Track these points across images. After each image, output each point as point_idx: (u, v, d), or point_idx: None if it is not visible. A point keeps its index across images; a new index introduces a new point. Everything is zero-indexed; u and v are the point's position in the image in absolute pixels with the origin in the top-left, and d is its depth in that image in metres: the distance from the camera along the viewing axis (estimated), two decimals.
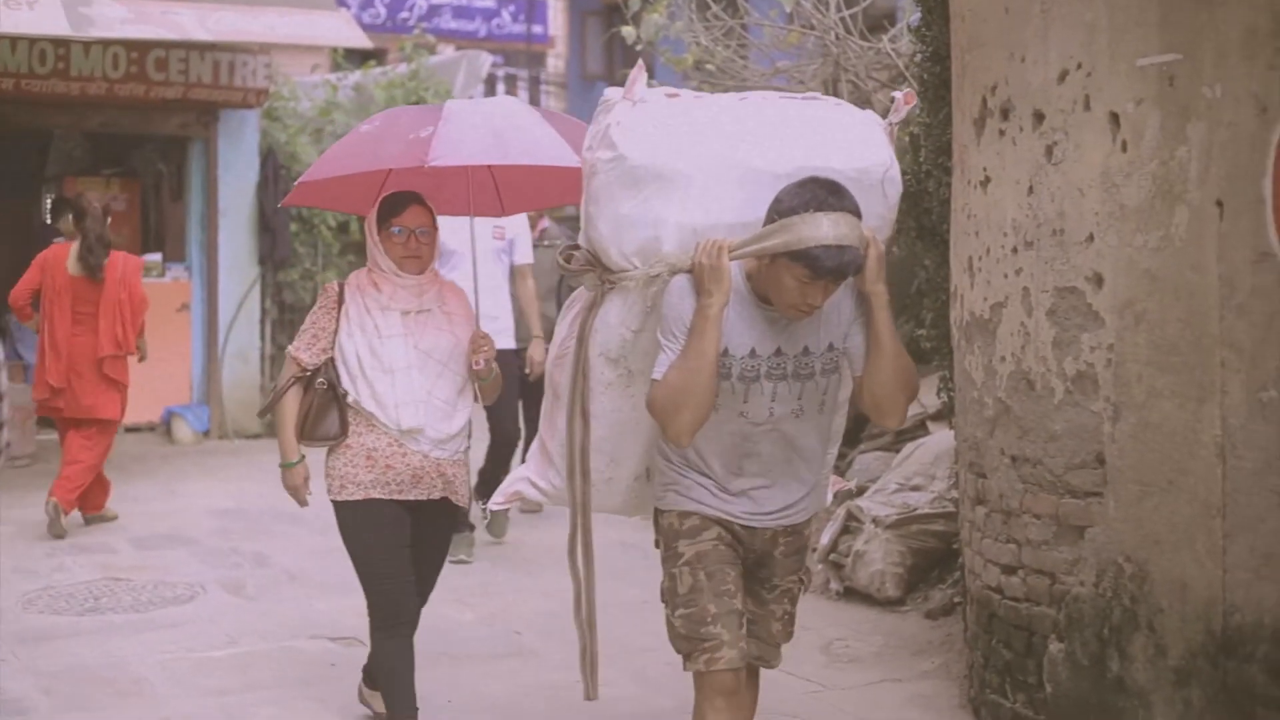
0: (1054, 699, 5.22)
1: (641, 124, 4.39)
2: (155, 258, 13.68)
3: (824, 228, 4.08)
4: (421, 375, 5.42)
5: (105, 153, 15.82)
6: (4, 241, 15.64)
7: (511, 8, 26.74)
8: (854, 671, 6.63)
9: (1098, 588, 5.03)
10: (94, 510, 9.84)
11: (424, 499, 5.46)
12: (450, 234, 5.65)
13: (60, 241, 10.20)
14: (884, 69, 10.15)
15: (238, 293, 13.97)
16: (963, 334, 5.80)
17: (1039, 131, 5.18)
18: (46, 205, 15.63)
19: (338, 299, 5.48)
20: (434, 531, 5.64)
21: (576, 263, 4.56)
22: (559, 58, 28.02)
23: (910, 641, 7.01)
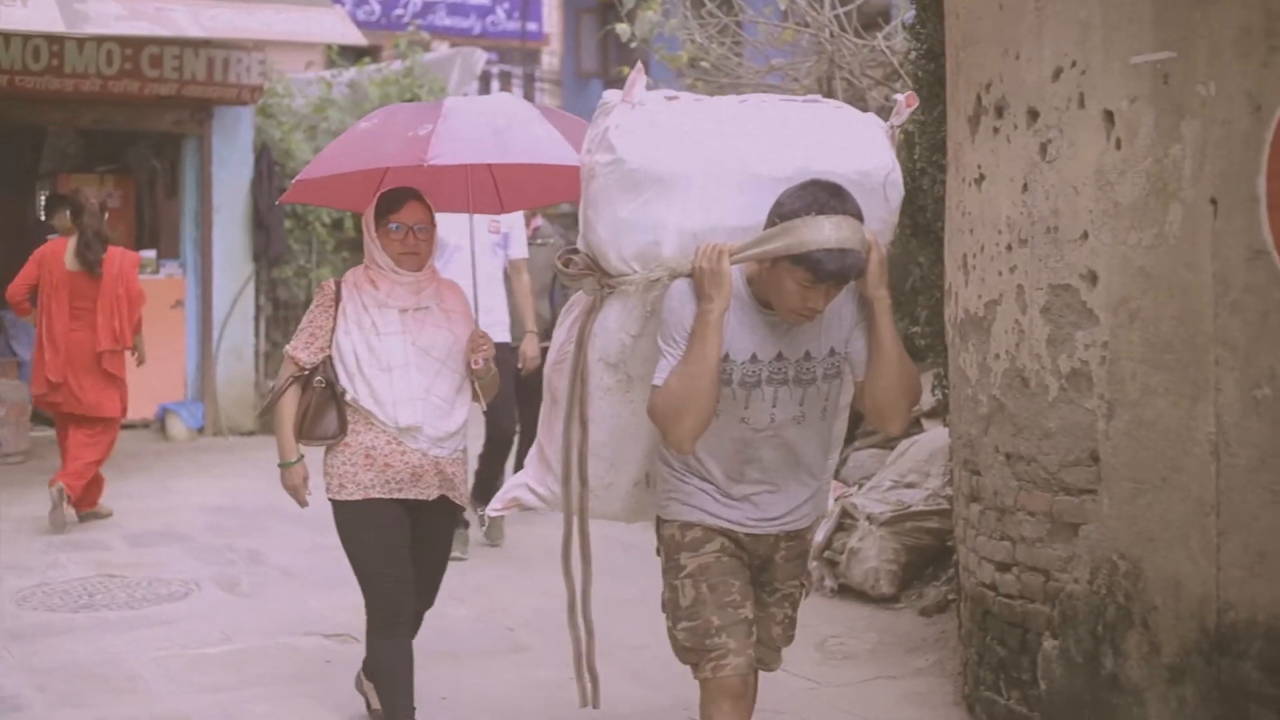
0: (1048, 696, 5.22)
1: (640, 127, 4.35)
2: (149, 254, 13.67)
3: (826, 231, 4.03)
4: (420, 373, 5.37)
5: (99, 149, 15.81)
6: None
7: (506, 5, 26.70)
8: (849, 668, 6.63)
9: (1092, 585, 5.03)
10: (88, 507, 9.84)
11: (423, 498, 5.42)
12: (447, 228, 5.63)
13: (55, 238, 10.20)
14: (878, 66, 10.16)
15: (232, 289, 13.97)
16: (957, 331, 5.80)
17: (1033, 129, 5.18)
18: (40, 202, 15.64)
19: (335, 297, 5.43)
20: (434, 532, 5.60)
21: (575, 267, 4.52)
22: (554, 55, 27.98)
23: (905, 638, 7.02)
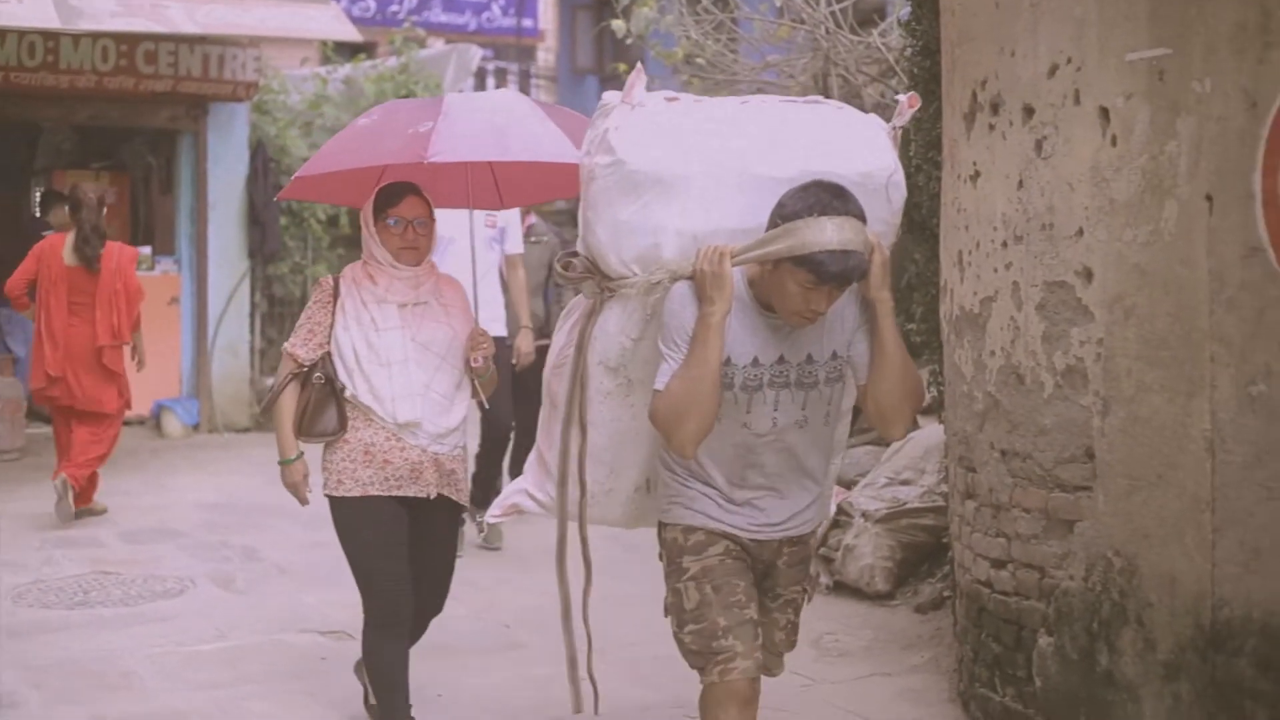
0: (1043, 693, 5.23)
1: (640, 128, 4.31)
2: (145, 251, 13.64)
3: (828, 232, 3.99)
4: (419, 368, 5.33)
5: (94, 146, 15.80)
6: None
7: (501, 1, 26.69)
8: (844, 666, 6.63)
9: (1087, 582, 5.03)
10: (83, 504, 9.83)
11: (422, 496, 5.36)
12: (442, 221, 5.61)
13: (51, 234, 10.20)
14: (874, 63, 10.16)
15: (227, 286, 13.97)
16: (952, 328, 5.80)
17: (1029, 126, 5.18)
18: (36, 198, 15.64)
19: (333, 293, 5.39)
20: (436, 530, 5.53)
21: (575, 270, 4.49)
22: (549, 51, 27.97)
23: (900, 636, 7.02)
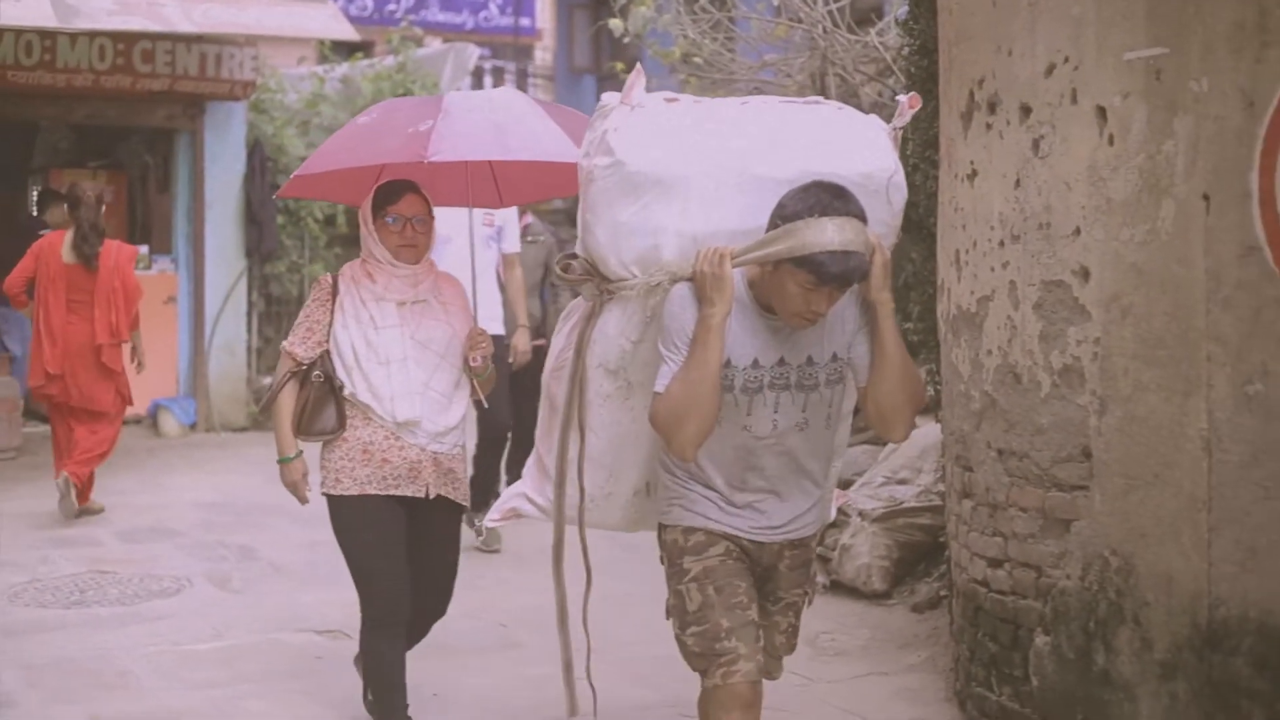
0: (1040, 692, 5.22)
1: (640, 129, 4.29)
2: (141, 250, 13.64)
3: (829, 232, 3.97)
4: (418, 367, 5.32)
5: (91, 144, 15.80)
6: None
7: (499, 0, 26.69)
8: (840, 665, 6.63)
9: (1084, 581, 5.03)
10: (80, 503, 9.82)
11: (420, 495, 5.34)
12: (441, 220, 5.60)
13: (48, 232, 10.21)
14: (871, 62, 10.15)
15: (224, 285, 13.96)
16: (949, 327, 5.80)
17: (1026, 125, 5.18)
18: (33, 197, 15.62)
19: (332, 291, 5.37)
20: (435, 530, 5.50)
21: (574, 272, 4.46)
22: (546, 50, 27.96)
23: (896, 635, 7.02)
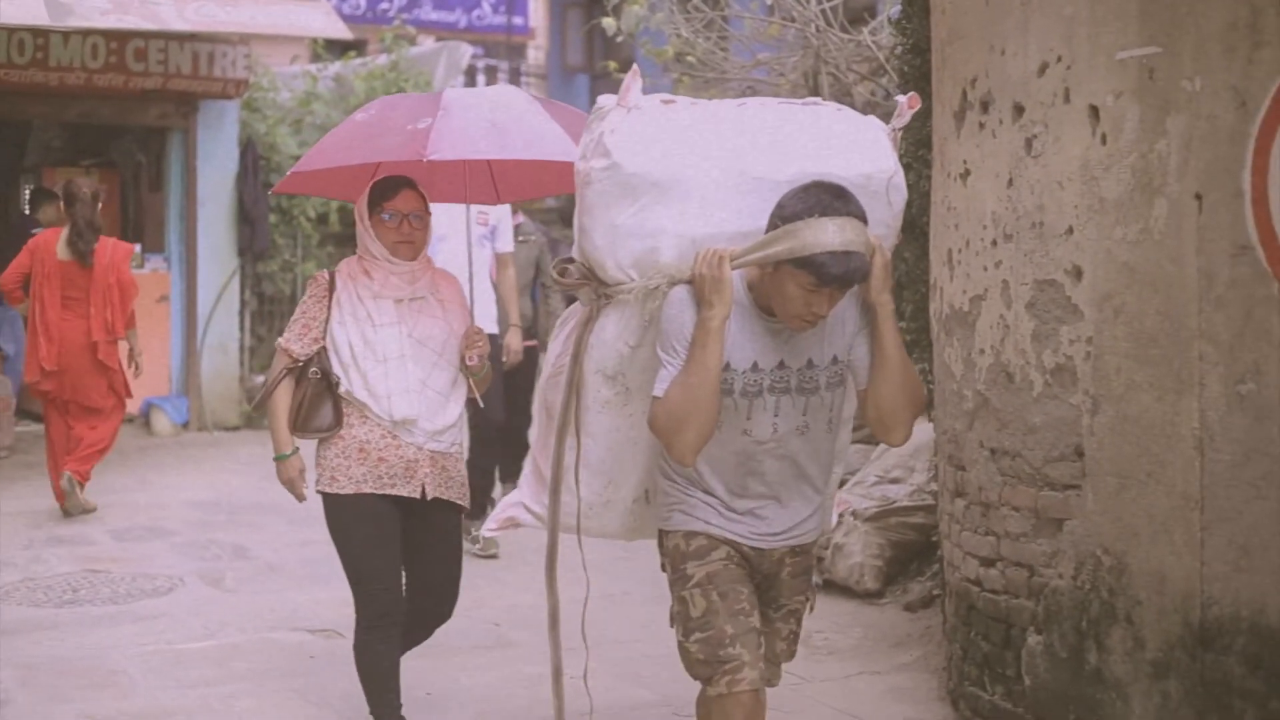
0: (1032, 691, 5.23)
1: (637, 131, 4.24)
2: (135, 248, 13.64)
3: (829, 233, 3.93)
4: (416, 365, 5.28)
5: (84, 143, 15.77)
6: None
7: None
8: (833, 664, 6.63)
9: (1076, 580, 5.04)
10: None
11: (416, 496, 5.29)
12: (435, 219, 5.59)
13: (39, 231, 10.21)
14: (864, 61, 10.16)
15: (217, 284, 13.94)
16: (942, 326, 5.80)
17: (1019, 124, 5.18)
18: (25, 196, 15.60)
19: (329, 287, 5.33)
20: (434, 531, 5.44)
21: (571, 276, 4.41)
22: (539, 49, 27.95)
23: (889, 634, 7.02)
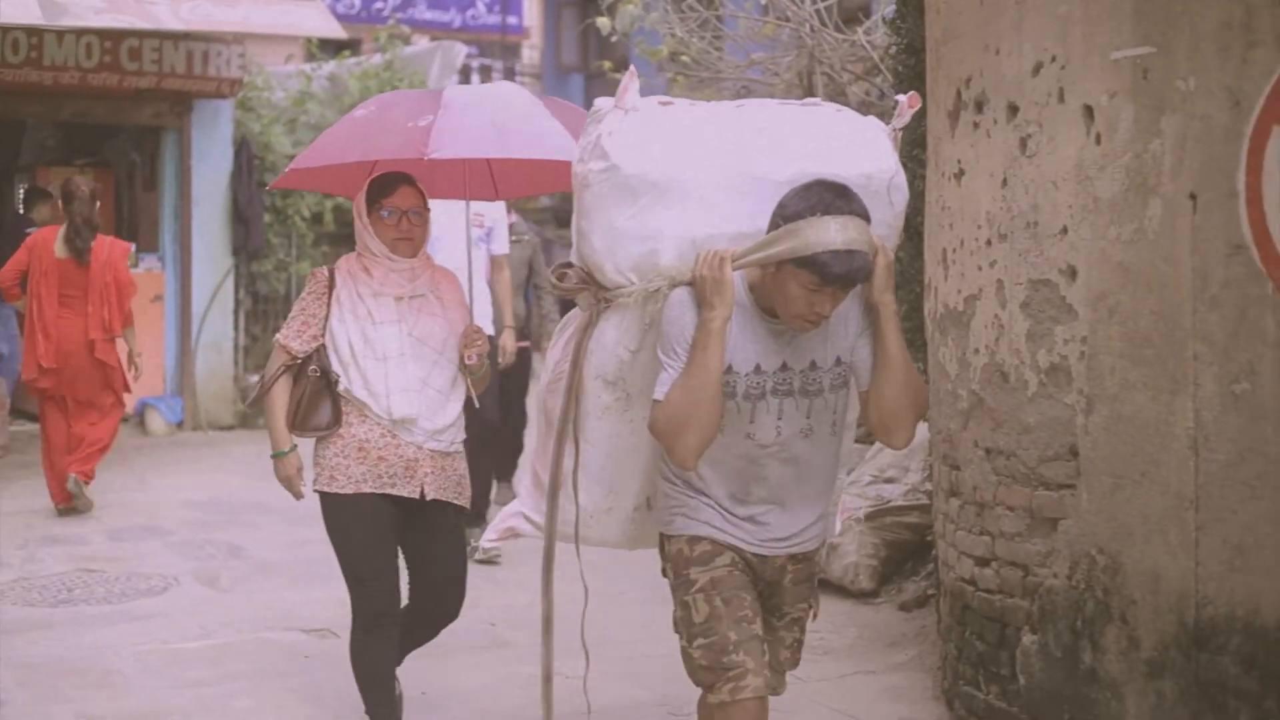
0: (1027, 691, 5.23)
1: (635, 132, 4.19)
2: (131, 247, 13.63)
3: (832, 232, 3.88)
4: (416, 363, 5.24)
5: (78, 142, 15.77)
6: None
7: None
8: (828, 663, 6.63)
9: (1070, 580, 5.04)
10: (67, 501, 9.82)
11: (415, 496, 5.25)
12: (432, 220, 5.59)
13: (34, 230, 10.22)
14: (859, 61, 10.16)
15: (211, 283, 13.95)
16: (936, 326, 5.81)
17: (1013, 124, 5.18)
18: (19, 195, 15.59)
19: (328, 284, 5.29)
20: (437, 533, 5.42)
21: (570, 281, 4.36)
22: (534, 49, 27.95)
23: (884, 633, 7.03)
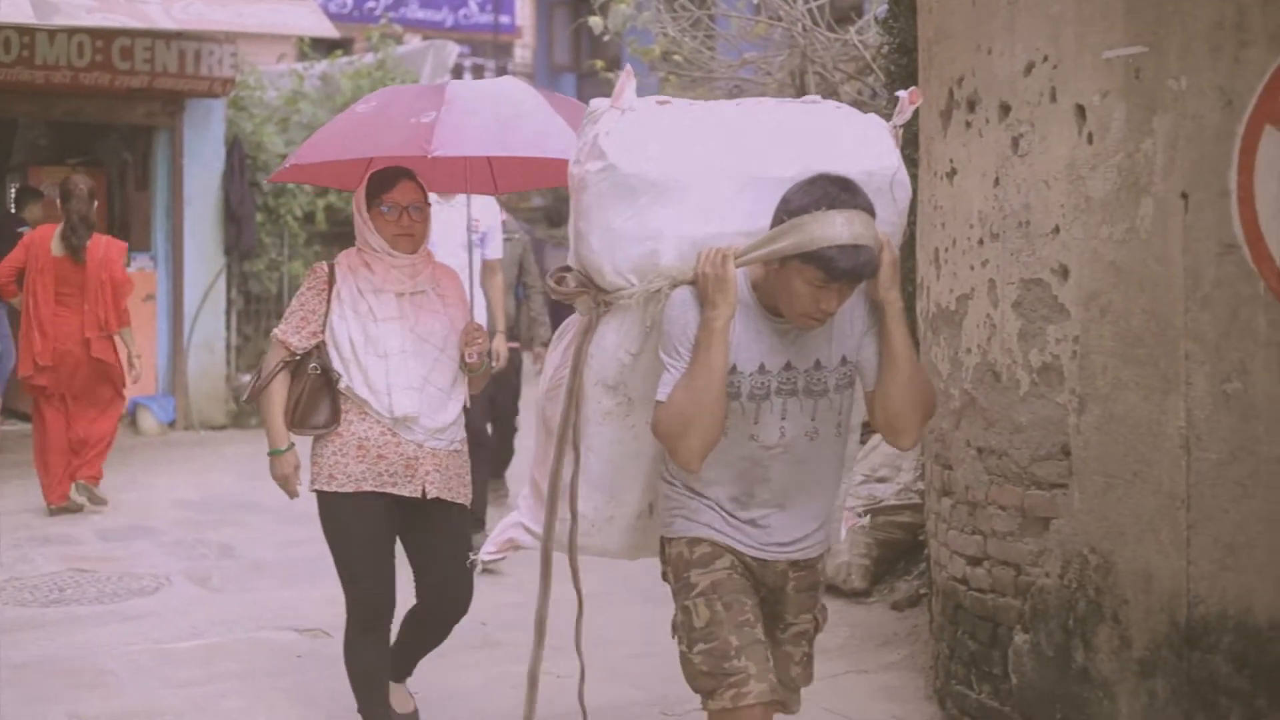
0: (1019, 690, 5.24)
1: (632, 132, 4.12)
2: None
3: (838, 226, 3.78)
4: (417, 361, 5.19)
5: (70, 142, 15.74)
6: None
7: None
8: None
9: (1063, 579, 5.04)
10: (59, 501, 9.81)
11: (414, 496, 5.22)
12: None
13: (26, 230, 10.21)
14: (851, 60, 10.16)
15: (203, 283, 13.93)
16: (929, 325, 5.81)
17: (1005, 123, 5.19)
18: (10, 194, 15.56)
19: (328, 279, 5.23)
20: (439, 532, 5.38)
21: (568, 285, 4.27)
22: (526, 48, 27.97)
23: (876, 633, 7.03)
